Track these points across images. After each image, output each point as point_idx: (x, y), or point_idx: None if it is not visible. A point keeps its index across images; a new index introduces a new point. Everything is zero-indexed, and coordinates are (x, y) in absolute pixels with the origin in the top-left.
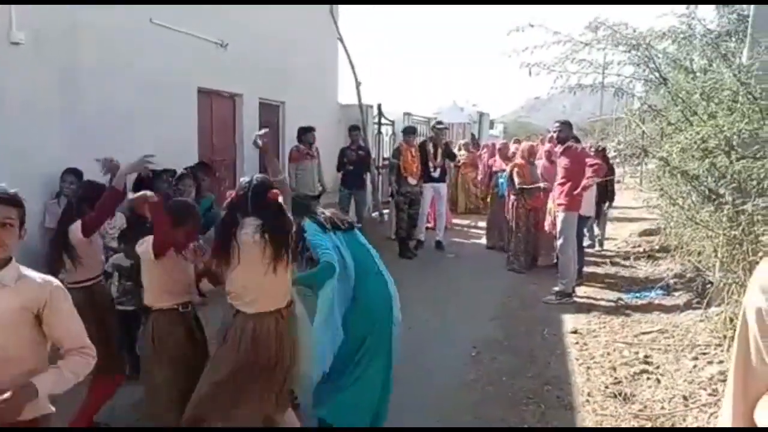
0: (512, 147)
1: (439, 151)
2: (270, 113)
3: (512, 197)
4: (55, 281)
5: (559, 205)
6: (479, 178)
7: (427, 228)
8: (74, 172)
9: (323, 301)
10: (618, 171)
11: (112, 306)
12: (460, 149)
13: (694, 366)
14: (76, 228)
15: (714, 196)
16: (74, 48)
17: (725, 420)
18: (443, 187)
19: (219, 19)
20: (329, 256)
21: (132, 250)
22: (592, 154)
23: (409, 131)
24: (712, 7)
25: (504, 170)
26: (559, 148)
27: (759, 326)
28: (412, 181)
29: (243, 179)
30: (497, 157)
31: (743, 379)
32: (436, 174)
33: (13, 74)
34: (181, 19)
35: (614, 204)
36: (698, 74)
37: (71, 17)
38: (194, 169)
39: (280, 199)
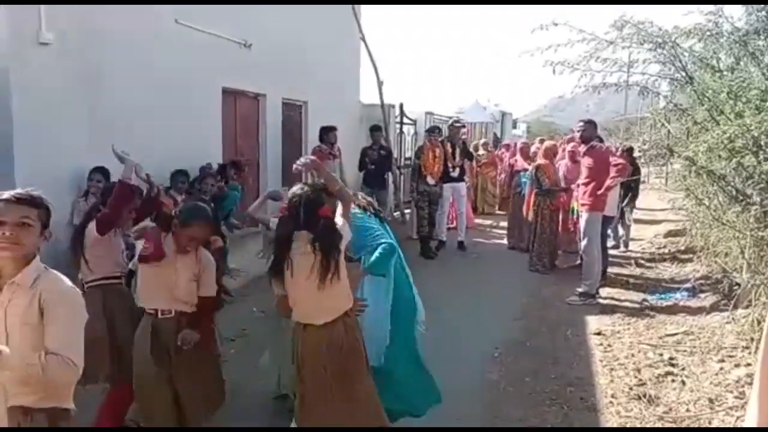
0: (534, 147)
1: (457, 150)
2: (293, 113)
3: (535, 198)
4: (68, 284)
5: (582, 205)
6: (501, 176)
7: (448, 228)
8: (101, 171)
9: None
10: (643, 171)
11: (128, 309)
12: (477, 149)
13: (721, 368)
14: (92, 226)
15: (741, 197)
16: (100, 48)
17: (751, 423)
18: (462, 187)
19: (243, 20)
20: (386, 237)
21: None
22: (616, 153)
23: (434, 130)
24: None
25: (526, 170)
26: (582, 148)
27: None
28: (431, 180)
29: (294, 189)
30: (519, 156)
31: None
32: (455, 174)
33: (41, 74)
34: (206, 20)
35: (639, 205)
36: (725, 73)
37: (98, 18)
38: (226, 166)
39: (338, 211)
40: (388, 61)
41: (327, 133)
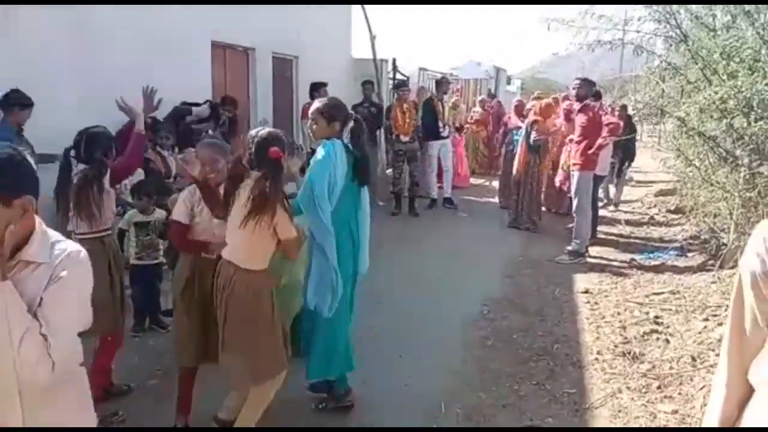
0: (529, 104)
1: (446, 107)
2: (284, 68)
3: (526, 155)
4: (81, 251)
5: (574, 164)
6: (496, 135)
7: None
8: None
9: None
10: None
11: (121, 262)
12: (473, 105)
13: (704, 327)
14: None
15: (731, 158)
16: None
17: (719, 381)
18: (448, 143)
19: None
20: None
21: (148, 205)
22: (609, 112)
23: (400, 85)
24: None
25: (519, 128)
26: (577, 106)
27: (753, 289)
28: (404, 138)
29: (250, 132)
30: (512, 114)
31: (738, 341)
32: (445, 132)
33: (29, 26)
34: None
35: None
36: (719, 32)
37: None
38: (219, 104)
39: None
40: (381, 16)
41: (317, 89)
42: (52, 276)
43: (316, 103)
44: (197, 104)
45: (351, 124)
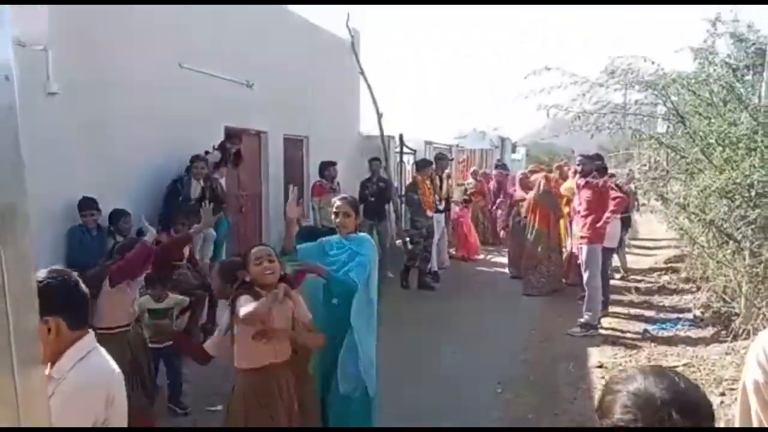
0: (534, 176)
1: (444, 183)
2: (294, 148)
3: (544, 209)
4: (78, 387)
5: (582, 237)
6: (495, 208)
7: (451, 257)
8: (93, 203)
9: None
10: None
11: (144, 352)
12: (467, 178)
13: (721, 402)
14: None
15: (733, 240)
16: (105, 95)
17: None
18: (441, 218)
19: (245, 61)
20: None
21: (161, 293)
22: (615, 187)
23: (425, 164)
24: (729, 41)
25: (524, 200)
26: (581, 181)
27: (757, 399)
28: (429, 213)
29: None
30: (518, 187)
31: None
32: (442, 206)
33: (48, 123)
34: (209, 62)
35: (641, 233)
36: (713, 120)
37: (103, 66)
38: (225, 141)
39: None
40: (387, 91)
41: (327, 168)
42: (53, 393)
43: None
44: (208, 152)
45: None
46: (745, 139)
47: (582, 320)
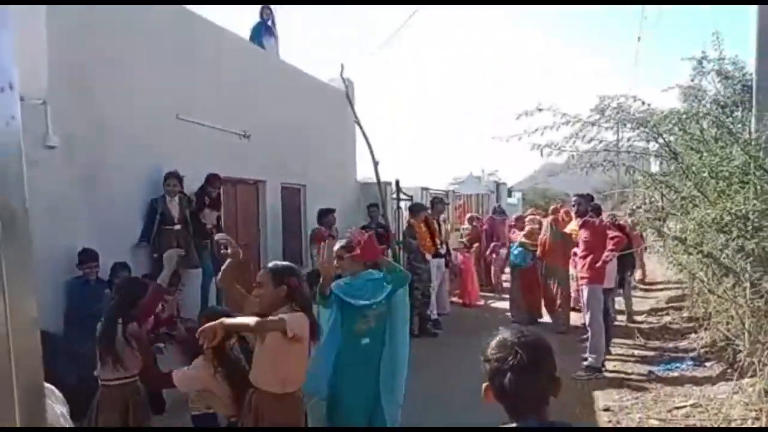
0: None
1: (442, 226)
2: (292, 196)
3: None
4: None
5: (582, 278)
6: (488, 254)
7: (451, 302)
8: (91, 253)
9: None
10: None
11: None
12: (463, 223)
13: None
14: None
15: (732, 273)
16: (103, 147)
17: None
18: (441, 262)
19: (241, 112)
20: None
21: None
22: (610, 225)
23: (420, 208)
24: (716, 78)
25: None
26: (578, 222)
27: None
28: (428, 257)
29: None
30: (516, 230)
31: None
32: (443, 250)
33: (46, 176)
34: (206, 113)
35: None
36: (704, 154)
37: (102, 118)
38: (204, 185)
39: None
40: (383, 138)
41: (326, 215)
42: None
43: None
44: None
45: None
46: (738, 172)
47: (586, 363)
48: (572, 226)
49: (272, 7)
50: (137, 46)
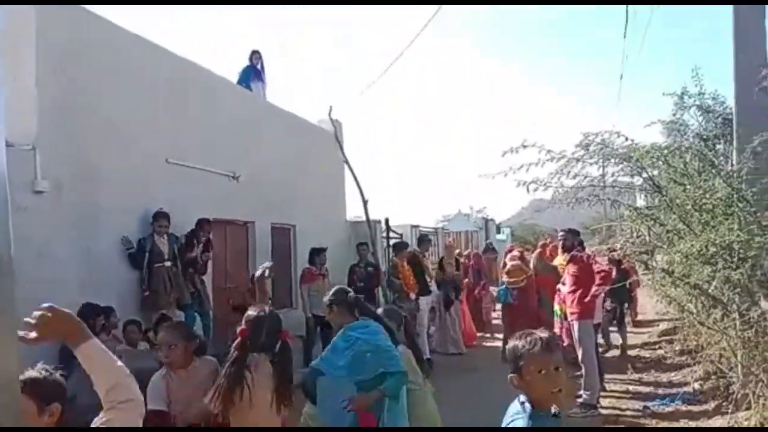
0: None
1: (430, 264)
2: (281, 237)
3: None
4: None
5: (572, 313)
6: (479, 291)
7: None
8: (94, 308)
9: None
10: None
11: None
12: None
13: None
14: None
15: (720, 304)
16: (92, 191)
17: None
18: (432, 299)
19: (231, 154)
20: (399, 361)
21: None
22: (598, 260)
23: (402, 246)
24: (698, 112)
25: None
26: (566, 257)
27: None
28: (412, 296)
29: (250, 312)
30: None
31: None
32: (434, 286)
33: (35, 221)
34: (195, 156)
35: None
36: (688, 186)
37: (90, 163)
38: (193, 230)
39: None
40: (372, 177)
41: (318, 254)
42: None
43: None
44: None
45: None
46: (722, 204)
47: (581, 400)
48: (559, 260)
49: (261, 51)
50: (127, 89)
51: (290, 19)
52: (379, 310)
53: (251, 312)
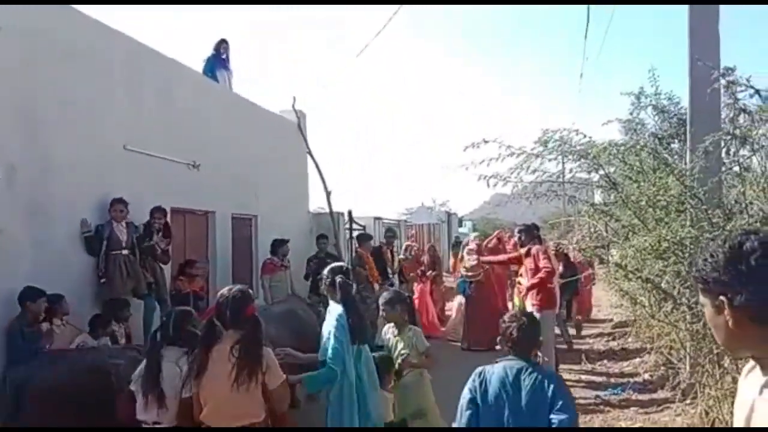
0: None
1: (395, 256)
2: (242, 227)
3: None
4: None
5: (533, 305)
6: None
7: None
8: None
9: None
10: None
11: None
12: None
13: None
14: None
15: (670, 297)
16: (46, 179)
17: None
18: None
19: (191, 142)
20: (339, 360)
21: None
22: (543, 256)
23: (367, 238)
24: (652, 112)
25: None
26: (522, 251)
27: None
28: (376, 286)
29: (222, 291)
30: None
31: None
32: (396, 279)
33: None
34: (154, 144)
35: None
36: (643, 184)
37: (46, 149)
38: (149, 220)
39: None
40: (336, 168)
41: (280, 246)
42: None
43: None
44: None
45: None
46: (675, 201)
47: None
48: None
49: (227, 40)
50: (83, 73)
51: (267, 17)
52: (387, 294)
53: (222, 291)
